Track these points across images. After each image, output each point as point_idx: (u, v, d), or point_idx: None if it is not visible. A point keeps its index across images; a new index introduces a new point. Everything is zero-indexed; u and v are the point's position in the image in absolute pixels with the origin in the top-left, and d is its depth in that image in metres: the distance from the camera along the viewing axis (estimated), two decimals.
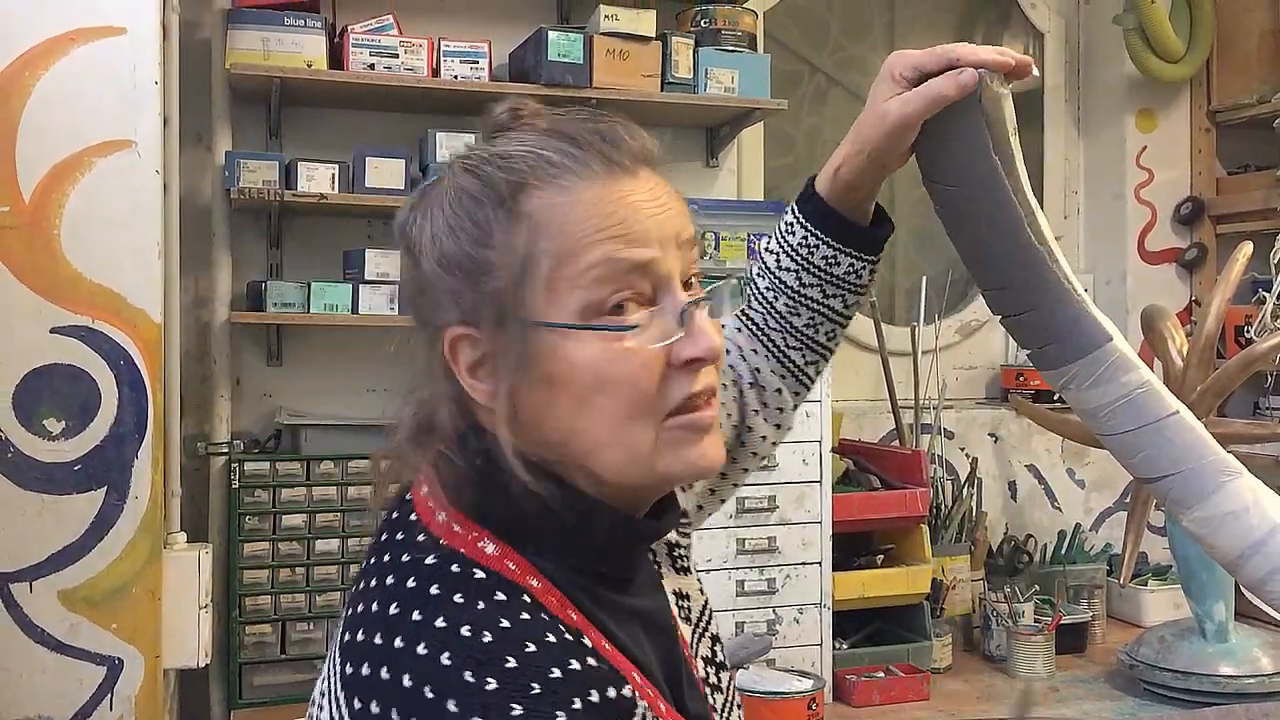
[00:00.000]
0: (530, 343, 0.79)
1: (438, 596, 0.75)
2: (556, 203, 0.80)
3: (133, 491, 2.03)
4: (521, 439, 0.80)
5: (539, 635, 0.74)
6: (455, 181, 0.82)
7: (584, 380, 0.79)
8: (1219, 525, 1.20)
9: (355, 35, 2.44)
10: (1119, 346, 1.20)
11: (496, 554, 0.78)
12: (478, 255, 0.79)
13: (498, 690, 0.70)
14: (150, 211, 2.07)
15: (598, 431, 0.80)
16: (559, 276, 0.78)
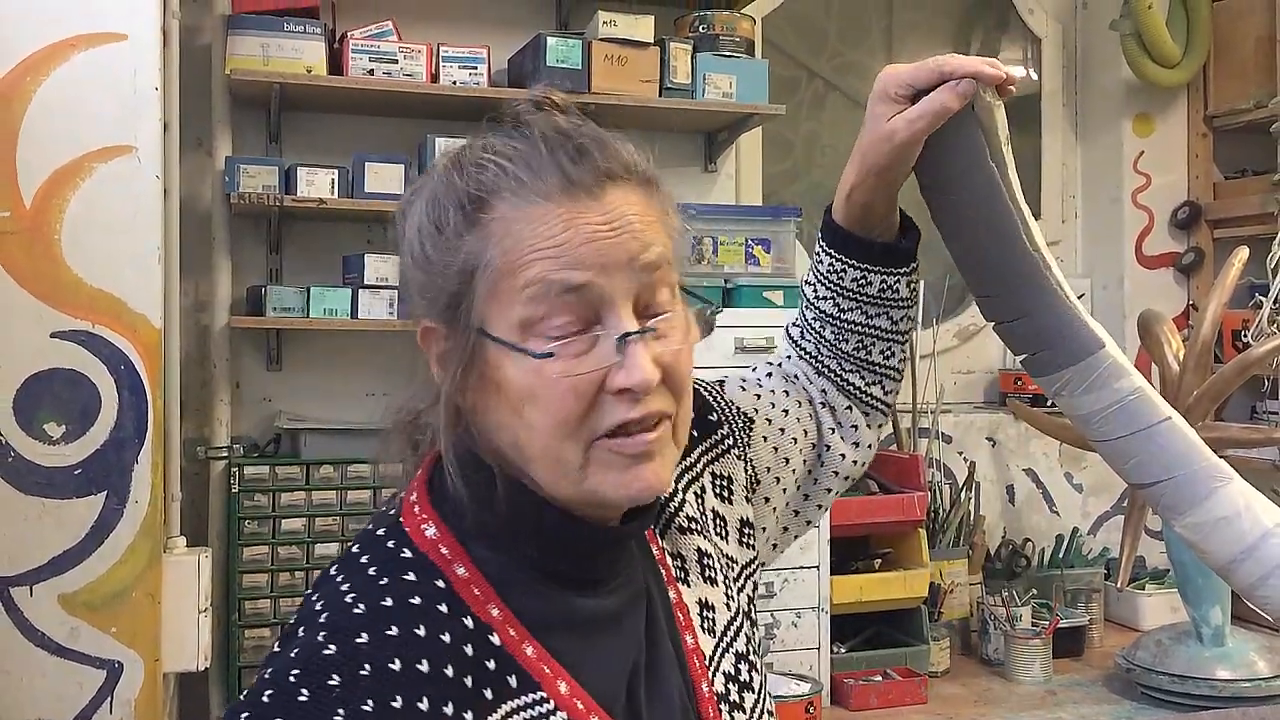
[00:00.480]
0: (476, 347, 0.81)
1: (361, 564, 0.80)
2: (510, 216, 0.81)
3: (133, 496, 2.04)
4: (477, 436, 0.83)
5: (411, 623, 0.76)
6: (436, 181, 0.85)
7: (517, 393, 0.80)
8: (1211, 530, 1.20)
9: (355, 41, 2.45)
10: (1111, 353, 1.21)
11: (435, 537, 0.81)
12: (436, 256, 0.82)
13: (330, 657, 0.73)
14: (150, 216, 2.08)
15: (531, 442, 0.81)
16: (501, 289, 0.80)
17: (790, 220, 2.59)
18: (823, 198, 3.31)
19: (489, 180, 0.81)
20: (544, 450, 0.80)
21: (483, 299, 0.80)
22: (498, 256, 0.80)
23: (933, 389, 3.07)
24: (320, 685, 0.71)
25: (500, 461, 0.83)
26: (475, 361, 0.81)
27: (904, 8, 3.45)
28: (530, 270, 0.79)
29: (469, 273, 0.80)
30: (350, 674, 0.72)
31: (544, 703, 0.79)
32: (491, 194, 0.81)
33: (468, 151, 0.85)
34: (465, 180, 0.82)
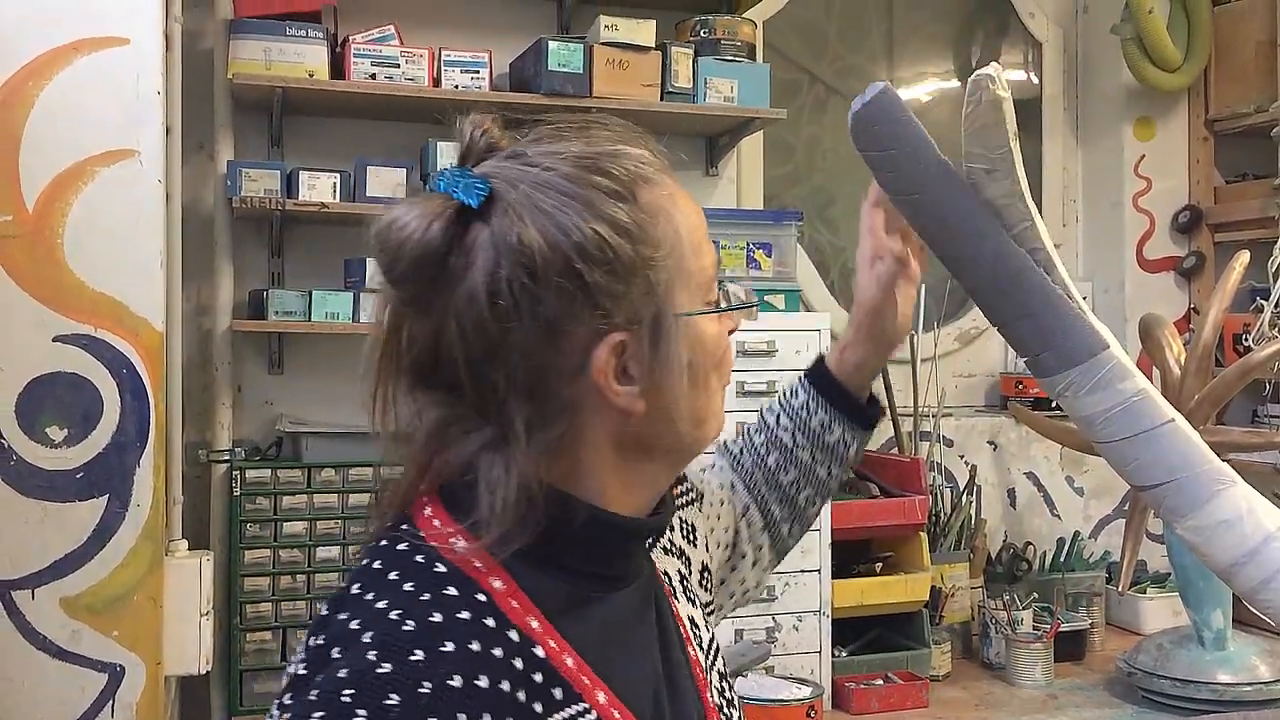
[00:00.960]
0: (681, 335, 0.82)
1: (392, 581, 0.77)
2: (664, 199, 0.83)
3: (134, 499, 2.04)
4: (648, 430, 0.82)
5: (464, 638, 0.74)
6: (568, 195, 0.79)
7: (708, 363, 0.85)
8: (1213, 533, 1.21)
9: (357, 45, 2.45)
10: (1115, 354, 1.21)
11: (465, 551, 0.79)
12: (631, 247, 0.79)
13: (387, 675, 0.70)
14: (153, 221, 2.08)
15: (709, 407, 0.86)
16: (691, 268, 0.83)
17: (791, 224, 2.60)
18: (824, 201, 3.34)
19: (632, 167, 0.81)
20: (717, 407, 0.87)
21: (669, 284, 0.81)
22: (684, 236, 0.82)
23: (934, 392, 3.07)
24: (378, 705, 0.69)
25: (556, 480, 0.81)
26: (666, 349, 0.81)
27: (905, 12, 3.46)
28: (702, 249, 0.84)
29: (671, 259, 0.81)
30: (409, 693, 0.70)
31: (587, 713, 0.79)
32: (640, 180, 0.82)
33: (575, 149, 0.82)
34: (609, 180, 0.80)
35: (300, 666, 0.75)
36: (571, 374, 0.80)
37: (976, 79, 1.14)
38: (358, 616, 0.75)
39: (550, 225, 0.77)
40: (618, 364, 0.80)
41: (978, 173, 1.19)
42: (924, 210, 1.17)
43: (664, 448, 0.86)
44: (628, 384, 0.80)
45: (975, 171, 1.19)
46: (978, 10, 3.53)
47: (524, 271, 0.77)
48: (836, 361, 1.18)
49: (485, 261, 0.77)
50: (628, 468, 0.84)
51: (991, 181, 1.19)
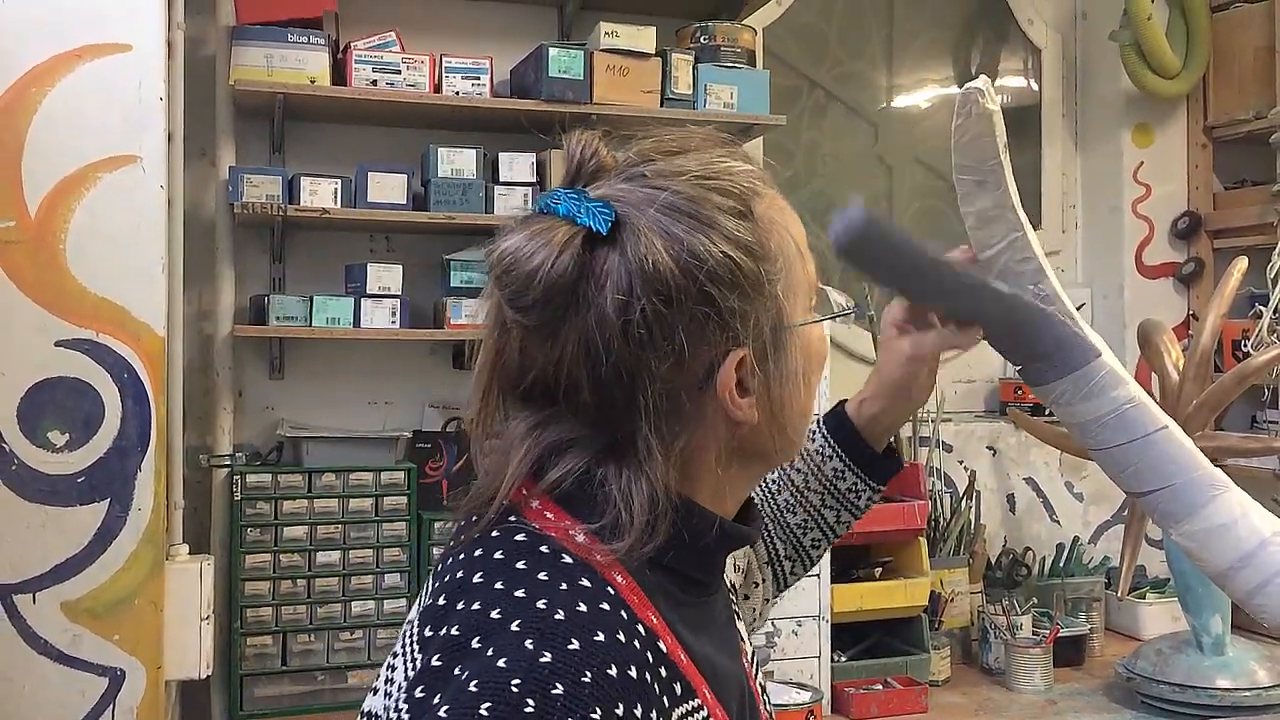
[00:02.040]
0: (789, 345, 0.83)
1: (523, 570, 0.76)
2: (775, 211, 0.84)
3: (135, 503, 2.05)
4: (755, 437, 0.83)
5: (612, 629, 0.74)
6: (706, 200, 0.80)
7: (812, 367, 0.86)
8: (1208, 538, 1.21)
9: (358, 52, 2.46)
10: (1108, 362, 1.22)
11: (585, 544, 0.78)
12: (757, 266, 0.80)
13: (549, 664, 0.70)
14: (154, 226, 2.10)
15: (809, 409, 0.87)
16: (801, 277, 0.85)
17: None
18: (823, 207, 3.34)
19: (744, 181, 0.82)
20: (809, 409, 0.87)
21: (787, 299, 0.82)
22: (790, 244, 0.84)
23: (933, 398, 3.07)
24: (545, 694, 0.68)
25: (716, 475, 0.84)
26: (783, 360, 0.82)
27: (904, 19, 3.47)
28: (807, 259, 0.86)
29: (784, 272, 0.82)
30: (573, 681, 0.69)
31: (700, 710, 0.79)
32: (752, 194, 0.82)
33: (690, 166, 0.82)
34: (729, 199, 0.81)
35: (434, 657, 0.73)
36: (697, 389, 0.80)
37: (966, 92, 1.15)
38: (496, 605, 0.74)
39: (682, 251, 0.78)
40: (740, 378, 0.81)
41: (968, 184, 1.20)
42: (914, 298, 1.16)
43: (764, 454, 0.87)
44: (746, 396, 0.81)
45: (966, 183, 1.20)
46: (977, 17, 3.54)
47: (658, 298, 0.77)
48: (855, 410, 1.16)
49: (618, 288, 0.77)
50: (725, 474, 0.85)
51: (982, 192, 1.20)
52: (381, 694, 0.79)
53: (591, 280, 0.77)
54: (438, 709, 0.69)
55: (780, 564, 1.20)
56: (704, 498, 0.84)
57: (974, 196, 1.21)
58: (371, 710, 0.79)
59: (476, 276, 2.54)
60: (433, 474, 2.64)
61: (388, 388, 2.70)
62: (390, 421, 2.69)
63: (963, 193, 1.21)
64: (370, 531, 2.46)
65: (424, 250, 2.67)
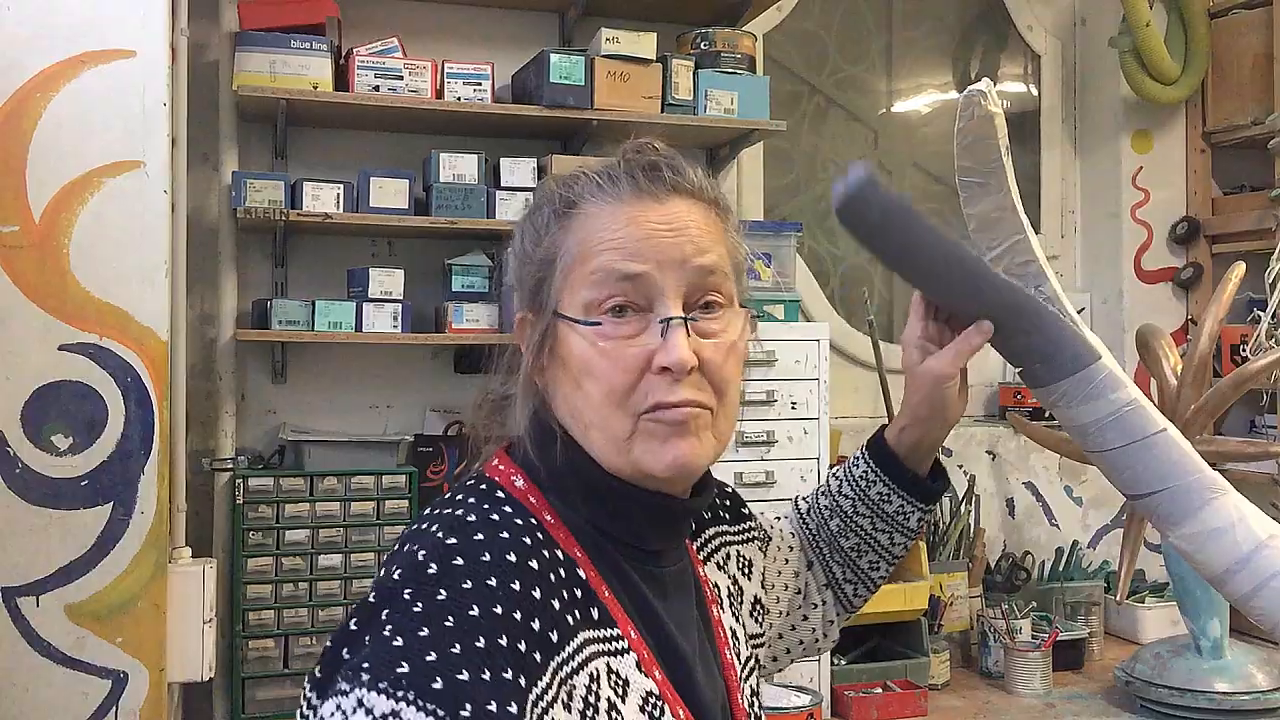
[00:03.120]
0: (550, 327, 0.94)
1: (458, 499, 0.91)
2: (588, 213, 0.94)
3: (139, 507, 2.06)
4: (551, 410, 0.95)
5: (519, 535, 0.86)
6: (540, 193, 1.00)
7: (578, 365, 0.92)
8: (1205, 541, 1.22)
9: (360, 57, 2.47)
10: (1107, 364, 1.23)
11: (523, 488, 0.93)
12: (530, 250, 0.96)
13: (454, 545, 0.83)
14: (158, 231, 2.10)
15: (588, 413, 0.92)
16: (574, 276, 0.92)
17: (791, 234, 2.62)
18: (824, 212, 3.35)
19: (577, 187, 0.96)
20: (598, 420, 0.91)
21: (559, 284, 0.93)
22: (574, 246, 0.93)
23: None
24: (448, 563, 0.81)
25: (566, 432, 0.94)
26: (548, 340, 0.94)
27: (904, 25, 3.48)
28: (598, 259, 0.91)
29: (550, 261, 0.94)
30: (473, 558, 0.82)
31: (619, 640, 0.87)
32: (578, 199, 0.95)
33: (569, 170, 1.00)
34: (559, 187, 0.97)
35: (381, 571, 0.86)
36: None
37: (969, 95, 1.16)
38: (431, 523, 0.88)
39: (524, 214, 1.01)
40: (525, 338, 0.96)
41: (971, 185, 1.21)
42: (914, 275, 1.17)
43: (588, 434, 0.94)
44: (536, 357, 0.95)
45: (968, 185, 1.21)
46: (977, 23, 3.56)
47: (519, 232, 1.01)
48: (895, 438, 1.21)
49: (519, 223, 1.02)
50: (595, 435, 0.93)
51: (984, 195, 1.21)
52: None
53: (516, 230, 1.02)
54: (368, 596, 0.81)
55: (840, 587, 1.25)
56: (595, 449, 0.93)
57: (976, 199, 1.22)
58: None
59: (478, 281, 2.55)
60: (434, 477, 2.65)
61: (389, 392, 2.71)
62: (392, 425, 2.70)
63: (965, 195, 1.22)
64: (372, 535, 2.46)
65: (426, 255, 2.68)
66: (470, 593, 0.79)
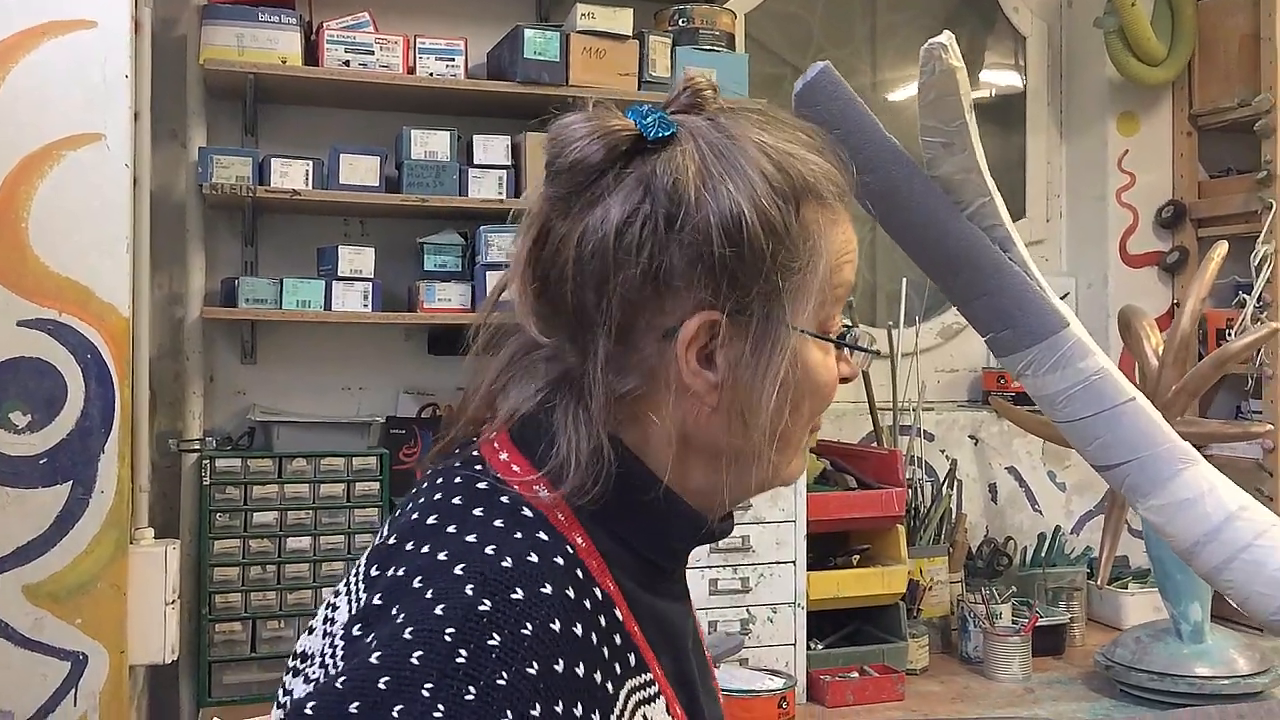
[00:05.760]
0: (778, 342, 0.79)
1: (478, 517, 0.74)
2: (825, 219, 0.82)
3: (99, 486, 2.02)
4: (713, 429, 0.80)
5: (561, 583, 0.71)
6: (754, 160, 0.79)
7: (805, 386, 0.81)
8: (1175, 512, 1.19)
9: (330, 32, 2.43)
10: (1075, 332, 1.19)
11: (549, 502, 0.76)
12: (770, 245, 0.78)
13: (488, 613, 0.67)
14: (119, 205, 2.07)
15: (792, 434, 0.82)
16: (817, 289, 0.81)
17: None
18: None
19: (814, 181, 0.81)
20: (798, 440, 0.84)
21: (794, 296, 0.80)
22: (823, 258, 0.81)
23: (914, 387, 3.05)
24: (480, 645, 0.65)
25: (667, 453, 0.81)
26: (764, 353, 0.79)
27: (889, 8, 3.44)
28: (843, 273, 0.83)
29: (798, 269, 0.80)
30: (511, 633, 0.67)
31: (652, 684, 0.77)
32: (810, 191, 0.81)
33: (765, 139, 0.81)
34: (783, 177, 0.80)
35: (375, 596, 0.71)
36: (660, 334, 0.79)
37: (929, 48, 1.12)
38: (445, 548, 0.71)
39: (705, 187, 0.77)
40: (705, 345, 0.78)
41: (934, 146, 1.17)
42: (875, 192, 1.16)
43: (734, 458, 0.82)
44: (708, 369, 0.79)
45: (932, 145, 1.18)
46: (962, 6, 3.52)
47: (663, 216, 0.77)
48: None
49: (631, 192, 0.77)
50: (696, 464, 0.82)
51: (948, 155, 1.17)
52: (319, 633, 0.76)
53: (615, 176, 0.78)
54: (370, 654, 0.66)
55: None
56: (664, 470, 0.81)
57: (940, 160, 1.18)
58: (306, 650, 0.76)
59: (450, 260, 2.51)
60: (407, 460, 2.61)
61: (362, 373, 2.67)
62: (364, 407, 2.66)
63: (929, 157, 1.19)
64: (341, 517, 2.42)
65: (398, 233, 2.64)
66: (506, 691, 0.65)
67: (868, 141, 1.16)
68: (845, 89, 1.16)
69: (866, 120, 1.16)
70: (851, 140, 1.15)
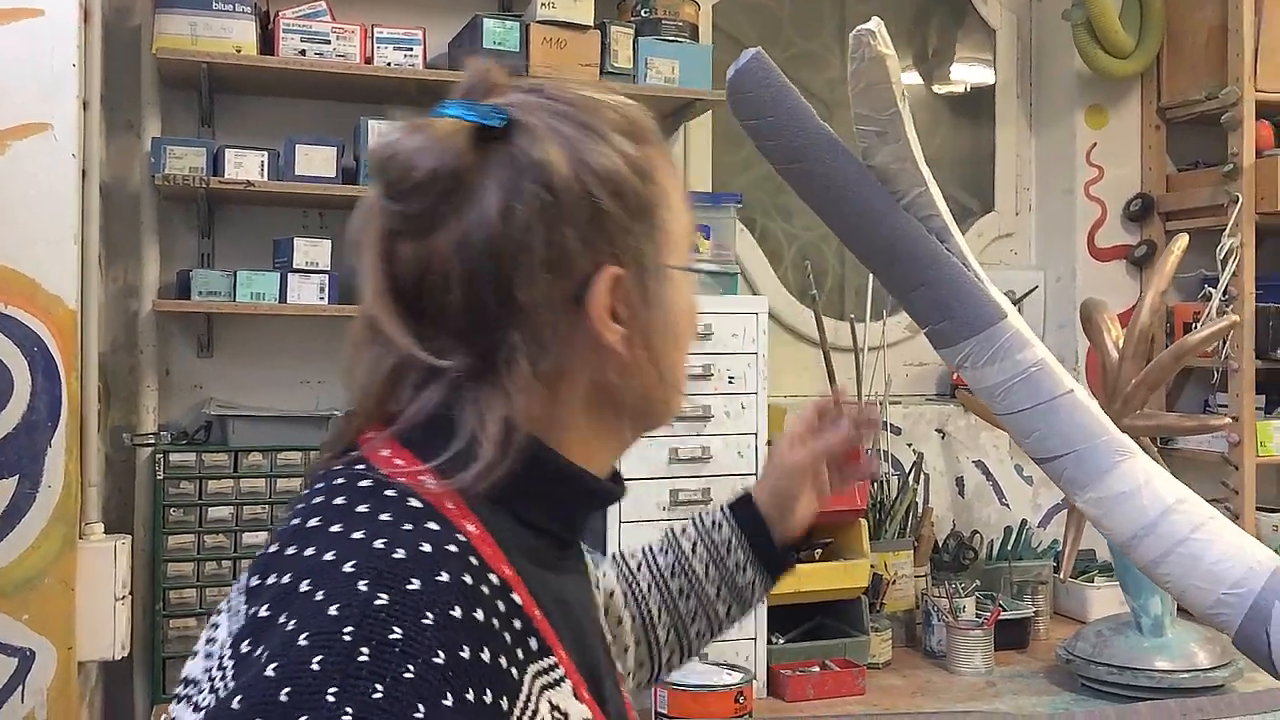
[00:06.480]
0: (664, 281, 0.83)
1: (363, 513, 0.72)
2: (661, 160, 0.85)
3: (46, 481, 2.00)
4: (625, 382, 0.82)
5: (458, 570, 0.69)
6: (599, 115, 0.81)
7: (685, 320, 0.86)
8: (1112, 505, 1.18)
9: (286, 21, 2.40)
10: (1013, 323, 1.18)
11: (437, 491, 0.74)
12: (645, 189, 0.81)
13: (385, 607, 0.65)
14: (67, 196, 2.04)
15: (681, 372, 0.87)
16: (680, 223, 0.85)
17: (730, 206, 2.56)
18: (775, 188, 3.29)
19: (641, 120, 0.84)
20: (683, 373, 0.88)
21: (664, 234, 0.83)
22: (674, 193, 0.85)
23: (881, 380, 3.04)
24: (382, 640, 0.63)
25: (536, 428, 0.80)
26: (659, 295, 0.82)
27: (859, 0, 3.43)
28: (689, 212, 0.87)
29: (668, 208, 0.84)
30: (413, 624, 0.65)
31: (556, 668, 0.75)
32: (648, 134, 0.84)
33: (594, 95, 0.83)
34: (619, 117, 0.82)
35: (261, 607, 0.67)
36: (568, 303, 0.79)
37: (857, 35, 1.11)
38: (331, 549, 0.69)
39: (570, 149, 0.78)
40: (611, 301, 0.80)
41: (869, 135, 1.16)
42: (809, 180, 1.15)
43: (635, 406, 0.85)
44: (617, 324, 0.81)
45: (866, 134, 1.16)
46: None
47: (544, 189, 0.77)
48: (760, 499, 1.18)
49: (504, 178, 0.77)
50: (598, 424, 0.84)
51: (883, 144, 1.16)
52: (202, 655, 0.73)
53: (477, 171, 0.77)
54: (264, 667, 0.63)
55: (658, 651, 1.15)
56: (573, 448, 0.82)
57: (875, 150, 1.17)
58: (189, 676, 0.73)
59: None
60: None
61: (321, 366, 2.64)
62: (323, 401, 2.64)
63: (864, 146, 1.18)
64: None
65: None
66: (415, 684, 0.63)
67: (802, 130, 1.15)
68: (778, 76, 1.15)
69: (800, 108, 1.15)
70: (785, 128, 1.14)
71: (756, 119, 1.13)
